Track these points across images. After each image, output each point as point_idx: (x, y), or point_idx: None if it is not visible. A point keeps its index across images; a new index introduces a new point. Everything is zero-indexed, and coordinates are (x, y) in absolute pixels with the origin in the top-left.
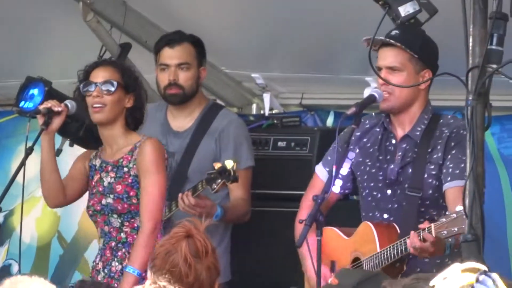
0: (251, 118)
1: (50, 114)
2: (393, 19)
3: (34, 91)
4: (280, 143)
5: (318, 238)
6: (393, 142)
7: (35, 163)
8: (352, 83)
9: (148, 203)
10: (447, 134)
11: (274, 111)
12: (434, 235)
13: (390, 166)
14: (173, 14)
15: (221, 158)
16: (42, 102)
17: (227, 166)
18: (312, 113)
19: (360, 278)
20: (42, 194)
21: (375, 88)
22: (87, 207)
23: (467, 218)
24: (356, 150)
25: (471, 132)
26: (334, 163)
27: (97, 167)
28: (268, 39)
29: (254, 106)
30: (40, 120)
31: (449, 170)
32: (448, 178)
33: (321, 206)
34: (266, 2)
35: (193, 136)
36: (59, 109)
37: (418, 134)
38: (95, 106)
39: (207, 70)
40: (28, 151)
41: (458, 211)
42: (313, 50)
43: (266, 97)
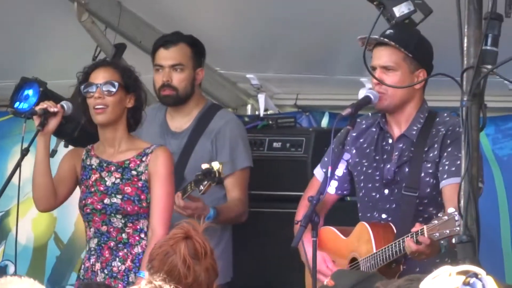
0: (246, 119)
1: (46, 115)
2: (387, 20)
3: (29, 92)
4: (275, 144)
5: (313, 239)
6: (389, 141)
7: (31, 164)
8: (347, 84)
9: (162, 211)
10: (443, 132)
11: (269, 112)
12: (426, 237)
13: (387, 165)
14: (168, 15)
15: (217, 158)
16: (37, 103)
17: (213, 167)
18: (307, 114)
19: (356, 279)
20: (33, 197)
21: (370, 89)
22: (84, 205)
23: (462, 219)
24: (352, 151)
25: (466, 132)
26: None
27: (94, 166)
28: (263, 40)
29: (249, 107)
30: (36, 121)
31: (445, 167)
32: (444, 176)
33: (319, 208)
34: (261, 3)
35: (190, 136)
36: (55, 110)
37: (414, 133)
38: (97, 107)
39: None
40: (24, 152)
41: (450, 213)
42: (308, 51)
43: (261, 97)
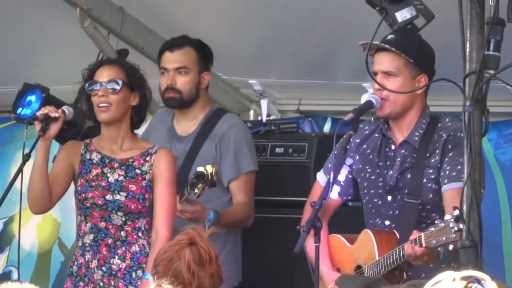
0: (249, 125)
1: (47, 120)
2: (390, 25)
3: (32, 98)
4: (277, 149)
5: (316, 244)
6: (392, 148)
7: None
8: (349, 89)
9: (166, 212)
10: (445, 138)
11: (272, 117)
12: (424, 245)
13: (389, 172)
14: (170, 20)
15: (221, 163)
16: (39, 109)
17: (206, 170)
18: (309, 119)
19: (360, 284)
20: (28, 199)
21: (373, 94)
22: (84, 199)
23: (465, 224)
24: (356, 157)
25: (469, 138)
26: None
27: (95, 161)
28: (265, 45)
29: (252, 113)
30: (37, 126)
31: (446, 172)
32: (445, 181)
33: (322, 213)
34: (263, 9)
35: (194, 141)
36: (56, 115)
37: (417, 139)
38: (101, 105)
39: None
40: (25, 158)
41: (446, 220)
42: (310, 56)
43: (264, 103)
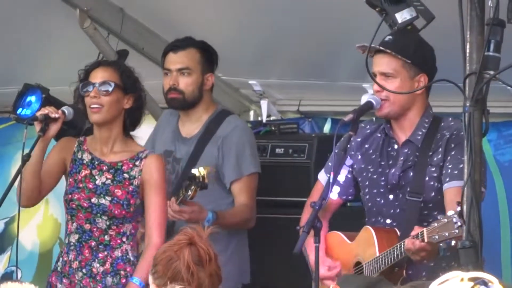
0: (249, 125)
1: (47, 121)
2: (390, 26)
3: (32, 98)
4: (278, 150)
5: (316, 245)
6: (395, 147)
7: None
8: (349, 90)
9: (158, 219)
10: (447, 136)
11: (272, 118)
12: (426, 240)
13: (392, 170)
14: (170, 21)
15: (223, 164)
16: (39, 109)
17: (198, 172)
18: (309, 119)
19: (361, 284)
20: (16, 188)
21: (373, 94)
22: (70, 200)
23: (465, 225)
24: (358, 156)
25: (469, 138)
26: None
27: (85, 162)
28: (265, 46)
29: (252, 113)
30: (37, 126)
31: (448, 170)
32: (447, 179)
33: (322, 213)
34: (263, 10)
35: (198, 142)
36: (56, 115)
37: (419, 138)
38: (93, 106)
39: None
40: (25, 158)
41: (449, 216)
42: (310, 57)
43: (264, 103)
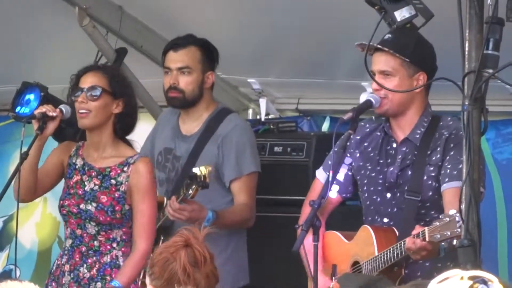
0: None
1: (45, 119)
2: (389, 24)
3: (30, 96)
4: (276, 148)
5: (314, 243)
6: (393, 145)
7: None
8: (348, 88)
9: (145, 225)
10: (446, 136)
11: (271, 116)
12: (427, 239)
13: (390, 168)
14: (169, 19)
15: (223, 163)
16: (38, 108)
17: (199, 172)
18: (308, 118)
19: (361, 283)
20: (13, 186)
21: (371, 93)
22: (61, 206)
23: (464, 224)
24: (356, 154)
25: (468, 137)
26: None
27: (77, 167)
28: (264, 45)
29: (251, 111)
30: (35, 125)
31: (447, 171)
32: (446, 179)
33: (321, 211)
34: (262, 8)
35: (198, 141)
36: (54, 113)
37: (418, 137)
38: (81, 111)
39: None
40: (23, 156)
41: (451, 215)
42: (309, 55)
43: (263, 102)
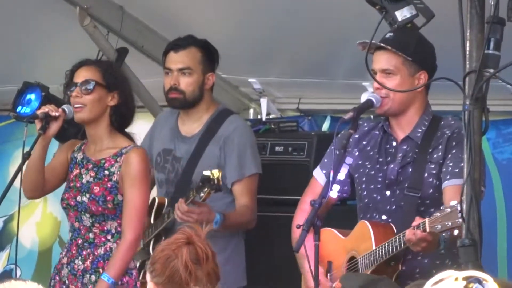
0: (248, 123)
1: (47, 119)
2: (390, 24)
3: (31, 96)
4: (277, 148)
5: (316, 243)
6: (393, 144)
7: None
8: (349, 88)
9: (132, 215)
10: (448, 134)
11: (271, 116)
12: (428, 230)
13: (390, 165)
14: (169, 19)
15: (225, 165)
16: (39, 107)
17: (212, 175)
18: (309, 118)
19: (363, 282)
20: (22, 185)
21: (372, 92)
22: (62, 199)
23: (465, 223)
24: (355, 153)
25: (468, 137)
26: (331, 167)
27: (77, 161)
28: (265, 44)
29: (251, 111)
30: (37, 125)
31: (448, 168)
32: (447, 177)
33: (318, 211)
34: (263, 8)
35: (199, 142)
36: (57, 113)
37: (419, 135)
38: (76, 106)
39: None
40: (25, 156)
41: (452, 205)
42: (310, 55)
43: (263, 102)
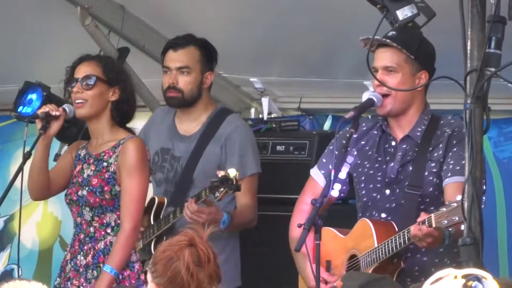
0: (250, 123)
1: (48, 119)
2: (391, 23)
3: (33, 96)
4: (278, 147)
5: (317, 242)
6: (392, 144)
7: None
8: (350, 87)
9: (129, 204)
10: (449, 133)
11: (273, 115)
12: (434, 225)
13: (390, 164)
14: (171, 19)
15: (226, 164)
16: (40, 107)
17: (230, 175)
18: (310, 117)
19: (364, 280)
20: (28, 186)
21: (374, 92)
22: (65, 195)
23: (466, 222)
24: (354, 153)
25: (470, 135)
26: (329, 166)
27: (81, 157)
28: (266, 44)
29: (253, 111)
30: (38, 124)
31: (449, 166)
32: (448, 174)
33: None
34: (264, 7)
35: (199, 141)
36: (57, 113)
37: (419, 134)
38: (77, 101)
39: None
40: (26, 156)
41: (459, 200)
42: (311, 54)
43: (265, 101)
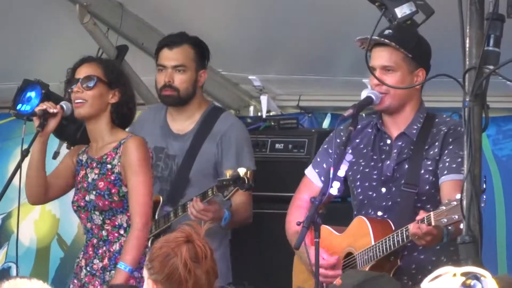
0: (249, 120)
1: (45, 116)
2: (389, 21)
3: (31, 94)
4: (277, 145)
5: (316, 240)
6: (387, 142)
7: None
8: (349, 85)
9: (138, 201)
10: (445, 131)
11: (272, 113)
12: (433, 224)
13: (386, 162)
14: (169, 16)
15: (222, 162)
16: (39, 105)
17: (241, 173)
18: (309, 115)
19: (362, 278)
20: (25, 191)
21: (372, 89)
22: (72, 202)
23: (465, 220)
24: (349, 151)
25: (468, 133)
26: (324, 165)
27: (83, 163)
28: (265, 41)
29: (252, 108)
30: (35, 122)
31: (445, 164)
32: (444, 172)
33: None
34: (263, 4)
35: (194, 139)
36: (55, 110)
37: (415, 132)
38: (77, 101)
39: None
40: (24, 154)
41: (458, 199)
42: (310, 52)
43: (264, 99)
